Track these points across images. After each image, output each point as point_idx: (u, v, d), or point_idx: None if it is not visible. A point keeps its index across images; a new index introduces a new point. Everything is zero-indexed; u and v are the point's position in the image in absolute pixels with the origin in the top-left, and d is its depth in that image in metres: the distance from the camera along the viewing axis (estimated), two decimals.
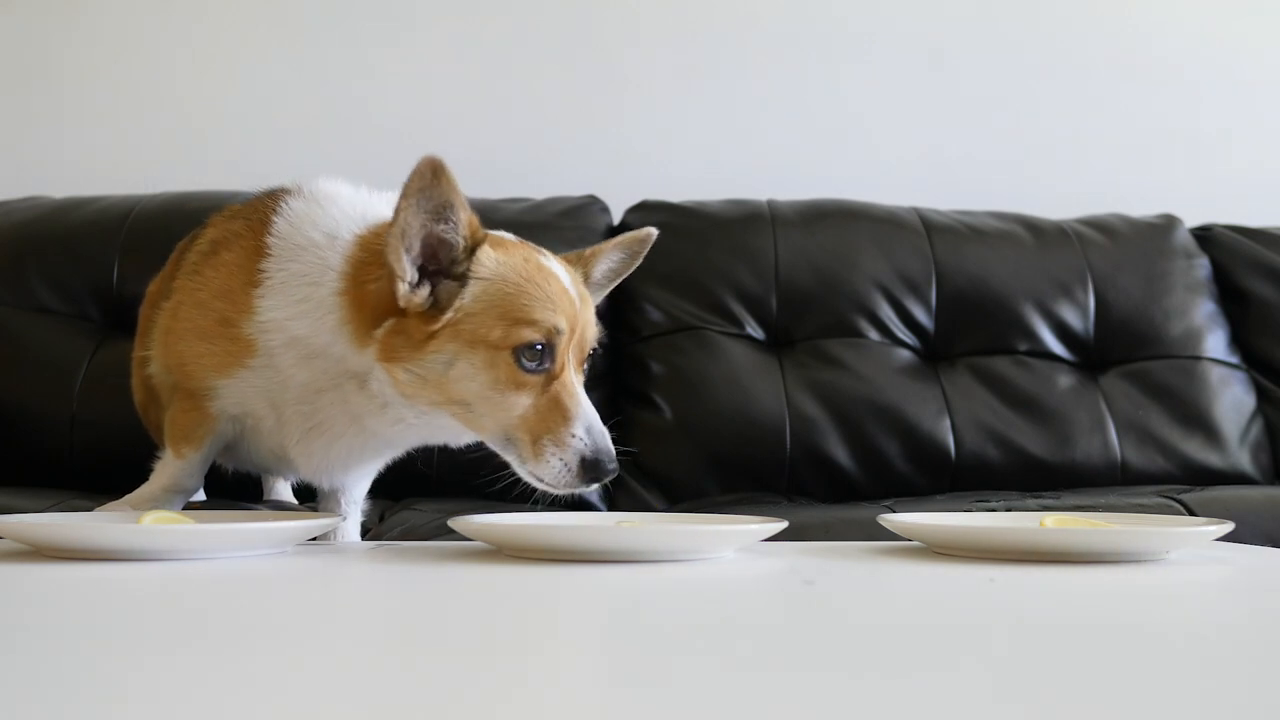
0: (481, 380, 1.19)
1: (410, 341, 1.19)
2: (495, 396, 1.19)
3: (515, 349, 1.18)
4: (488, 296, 1.19)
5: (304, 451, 1.36)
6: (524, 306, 1.18)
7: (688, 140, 2.66)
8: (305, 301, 1.26)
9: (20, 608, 0.84)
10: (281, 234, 1.29)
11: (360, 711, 0.53)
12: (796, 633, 0.77)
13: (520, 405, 1.19)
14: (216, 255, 1.35)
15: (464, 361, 1.18)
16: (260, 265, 1.28)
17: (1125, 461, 2.16)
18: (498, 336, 1.18)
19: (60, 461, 2.05)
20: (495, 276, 1.20)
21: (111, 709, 0.53)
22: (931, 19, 2.74)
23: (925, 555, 1.15)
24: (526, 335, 1.18)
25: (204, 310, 1.33)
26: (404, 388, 1.21)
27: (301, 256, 1.27)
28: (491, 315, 1.18)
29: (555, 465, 1.18)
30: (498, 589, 0.95)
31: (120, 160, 2.58)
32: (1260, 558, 1.19)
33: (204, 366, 1.33)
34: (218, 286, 1.32)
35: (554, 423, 1.19)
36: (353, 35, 2.66)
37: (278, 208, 1.32)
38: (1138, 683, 0.60)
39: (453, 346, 1.18)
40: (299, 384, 1.30)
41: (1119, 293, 2.31)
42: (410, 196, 1.15)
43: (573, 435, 1.18)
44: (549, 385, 1.20)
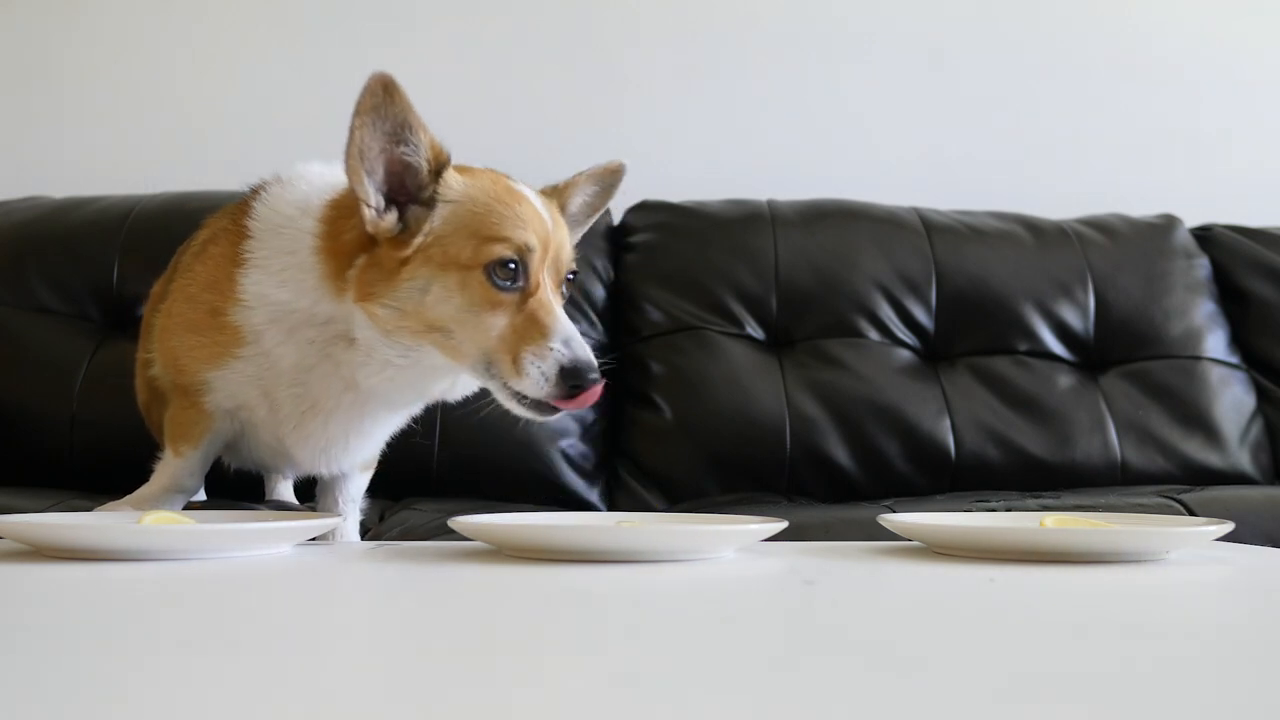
0: (457, 302, 1.19)
1: (384, 273, 1.19)
2: (471, 318, 1.19)
3: (486, 266, 1.18)
4: (456, 218, 1.19)
5: (301, 436, 1.36)
6: (493, 225, 1.19)
7: (688, 140, 2.66)
8: (285, 270, 1.27)
9: (20, 608, 0.84)
10: (260, 216, 1.31)
11: (360, 711, 0.53)
12: (796, 633, 0.77)
13: (497, 325, 1.19)
14: (205, 251, 1.37)
15: (438, 285, 1.19)
16: (242, 247, 1.30)
17: (1125, 461, 2.16)
18: (468, 256, 1.18)
19: (60, 461, 2.05)
20: (464, 198, 1.20)
21: (111, 709, 0.53)
22: (931, 19, 2.74)
23: (925, 555, 1.15)
24: (497, 251, 1.18)
25: (193, 304, 1.35)
26: (383, 323, 1.21)
27: (281, 232, 1.29)
28: (461, 235, 1.18)
29: (535, 375, 1.17)
30: (498, 589, 0.95)
31: (120, 160, 2.58)
32: (1260, 558, 1.19)
33: (196, 359, 1.35)
34: (205, 279, 1.34)
35: (532, 337, 1.18)
36: (353, 35, 2.66)
37: (258, 195, 1.35)
38: (1137, 683, 0.60)
39: (425, 271, 1.19)
40: (289, 365, 1.31)
41: (1119, 293, 2.31)
42: (364, 114, 1.16)
43: (550, 347, 1.17)
44: (525, 303, 1.20)
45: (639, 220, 2.35)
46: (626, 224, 2.36)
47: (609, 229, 2.34)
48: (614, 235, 2.34)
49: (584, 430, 2.13)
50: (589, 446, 2.12)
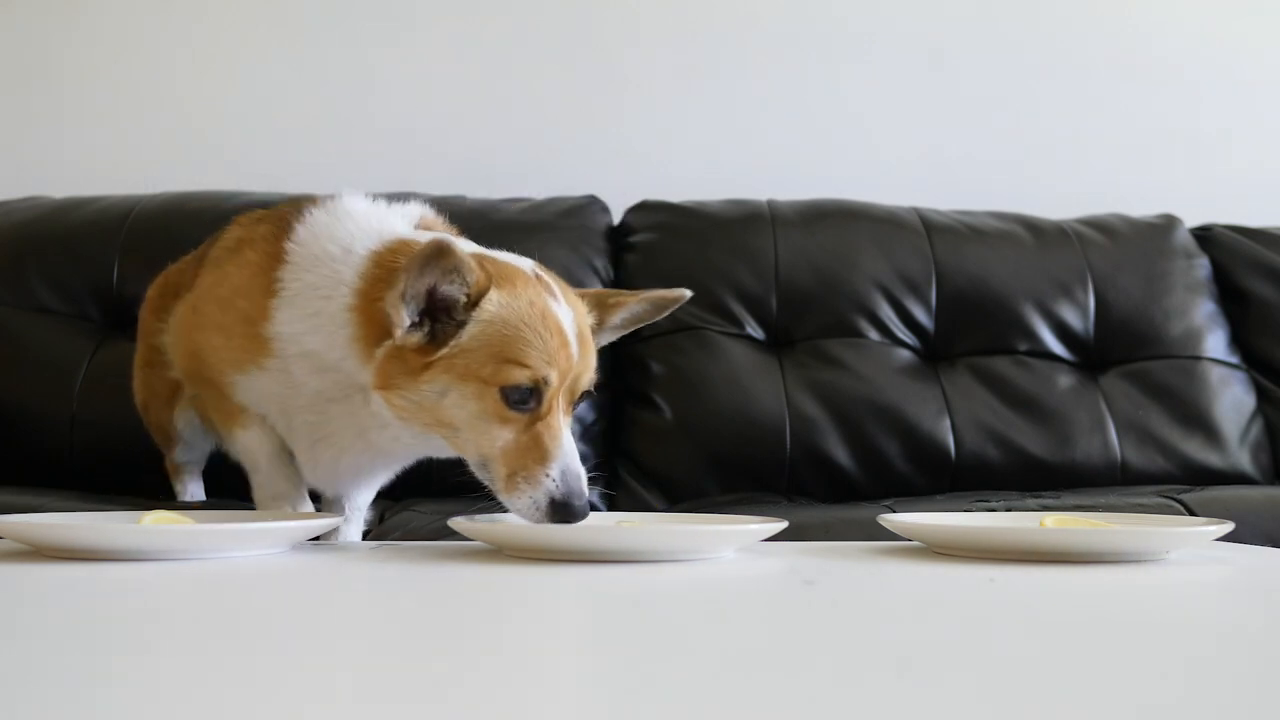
0: (470, 410, 1.21)
1: (406, 368, 1.22)
2: (479, 426, 1.22)
3: (502, 388, 1.20)
4: (484, 336, 1.21)
5: (311, 460, 1.38)
6: (517, 350, 1.21)
7: (688, 140, 2.66)
8: (318, 315, 1.28)
9: (20, 608, 0.84)
10: (301, 242, 1.31)
11: (360, 711, 0.53)
12: (796, 633, 0.77)
13: (502, 438, 1.22)
14: (240, 254, 1.37)
15: (455, 392, 1.21)
16: (277, 273, 1.30)
17: (1125, 461, 2.16)
18: (488, 373, 1.20)
19: (60, 461, 2.05)
20: (496, 319, 1.21)
21: (112, 709, 0.53)
22: (931, 19, 2.74)
23: (925, 555, 1.15)
24: (515, 377, 1.20)
25: (225, 306, 1.35)
26: (398, 411, 1.24)
27: (316, 268, 1.29)
28: (485, 353, 1.21)
29: (525, 500, 1.20)
30: (498, 589, 0.95)
31: (120, 160, 2.58)
32: (1260, 558, 1.19)
33: (221, 359, 1.35)
34: (239, 284, 1.34)
35: (531, 460, 1.21)
36: (353, 35, 2.66)
37: (301, 216, 1.34)
38: (1137, 682, 0.60)
39: (446, 378, 1.21)
40: (311, 391, 1.32)
41: (1119, 293, 2.31)
42: (414, 270, 1.17)
43: (546, 475, 1.20)
44: (533, 424, 1.22)
45: (639, 220, 2.35)
46: (626, 224, 2.36)
47: (609, 229, 2.33)
48: (614, 235, 2.34)
49: (584, 430, 2.13)
50: (589, 446, 2.12)
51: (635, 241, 2.31)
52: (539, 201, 2.35)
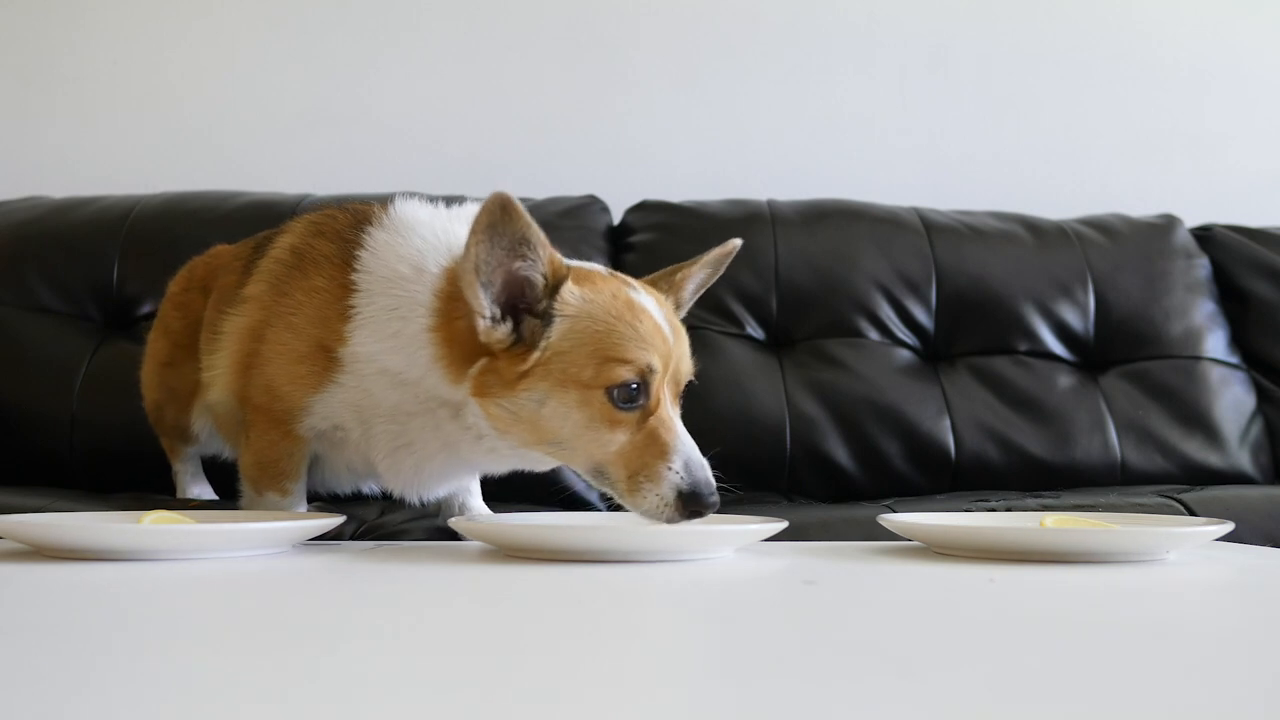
0: (575, 419, 1.17)
1: (502, 380, 1.18)
2: (589, 434, 1.17)
3: (608, 388, 1.16)
4: (576, 334, 1.17)
5: (392, 467, 1.35)
6: (616, 345, 1.16)
7: (688, 140, 2.66)
8: (396, 336, 1.25)
9: (20, 608, 0.84)
10: (367, 268, 1.28)
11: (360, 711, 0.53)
12: (796, 633, 0.77)
13: (615, 442, 1.17)
14: (306, 278, 1.32)
15: (555, 400, 1.17)
16: (349, 301, 1.27)
17: (1125, 461, 2.16)
18: (589, 376, 1.16)
19: (60, 461, 2.05)
20: (582, 314, 1.18)
21: (112, 709, 0.53)
22: (931, 19, 2.74)
23: (925, 555, 1.15)
24: (620, 374, 1.16)
25: (299, 335, 1.31)
26: (498, 423, 1.20)
27: (389, 290, 1.26)
28: (582, 354, 1.16)
29: (652, 500, 1.16)
30: (498, 589, 0.95)
31: (120, 160, 2.58)
32: (1260, 558, 1.19)
33: (300, 386, 1.31)
34: (312, 314, 1.30)
35: (650, 458, 1.17)
36: (353, 35, 2.66)
37: (362, 239, 1.30)
38: (1137, 682, 0.60)
39: (544, 385, 1.17)
40: (390, 404, 1.29)
41: (1119, 293, 2.31)
42: (481, 231, 1.13)
43: (669, 469, 1.16)
44: (645, 420, 1.18)
45: (639, 220, 2.35)
46: (626, 224, 2.36)
47: (609, 229, 2.33)
48: (614, 235, 2.34)
49: None
50: None
51: (635, 241, 2.31)
52: (539, 201, 2.35)
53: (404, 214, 1.31)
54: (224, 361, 1.40)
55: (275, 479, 1.39)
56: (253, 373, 1.36)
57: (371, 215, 1.33)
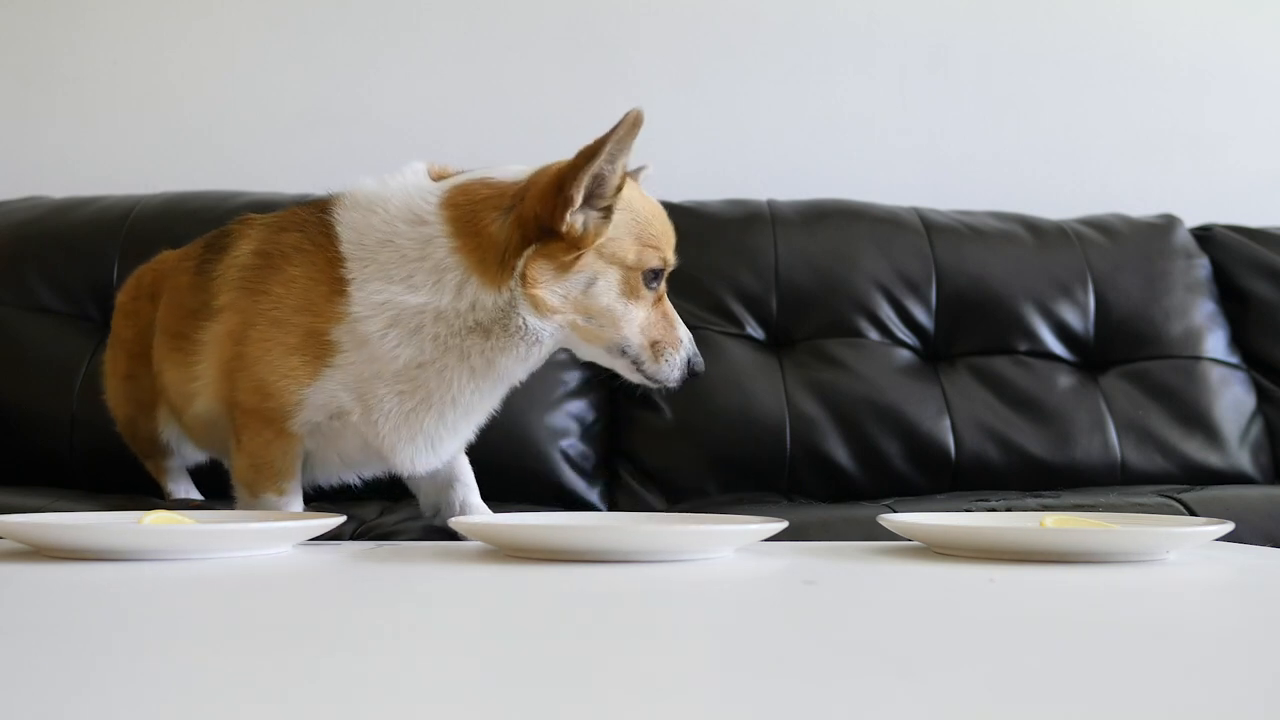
0: (615, 294, 1.37)
1: (555, 264, 1.34)
2: (624, 308, 1.38)
3: (644, 270, 1.38)
4: (624, 224, 1.37)
5: (407, 433, 1.41)
6: (653, 236, 1.39)
7: (688, 140, 2.66)
8: (415, 275, 1.35)
9: (20, 608, 0.84)
10: (353, 239, 1.37)
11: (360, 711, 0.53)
12: (796, 633, 0.77)
13: (640, 317, 1.39)
14: (280, 272, 1.39)
15: (602, 279, 1.36)
16: (340, 273, 1.36)
17: (1125, 461, 2.16)
18: (632, 259, 1.37)
19: (60, 461, 2.05)
20: (629, 209, 1.38)
21: (111, 709, 0.53)
22: (932, 19, 2.74)
23: (925, 555, 1.15)
24: (653, 259, 1.38)
25: (285, 328, 1.37)
26: (547, 308, 1.35)
27: (387, 246, 1.37)
28: (628, 240, 1.37)
29: (670, 365, 1.40)
30: (498, 589, 0.95)
31: (120, 160, 2.58)
32: (1260, 558, 1.19)
33: (293, 380, 1.37)
34: (296, 302, 1.37)
35: (666, 330, 1.40)
36: (353, 35, 2.66)
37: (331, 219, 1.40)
38: (1137, 683, 0.60)
39: (596, 266, 1.36)
40: (402, 364, 1.36)
41: (1119, 293, 2.31)
42: (615, 142, 1.33)
43: (680, 340, 1.41)
44: (658, 301, 1.41)
45: None
46: None
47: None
48: None
49: (584, 430, 2.13)
50: (589, 446, 2.12)
51: None
52: None
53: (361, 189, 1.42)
54: (208, 371, 1.44)
55: (271, 479, 1.42)
56: (238, 376, 1.39)
57: (327, 202, 1.43)
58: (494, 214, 1.36)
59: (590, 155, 1.33)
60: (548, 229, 1.34)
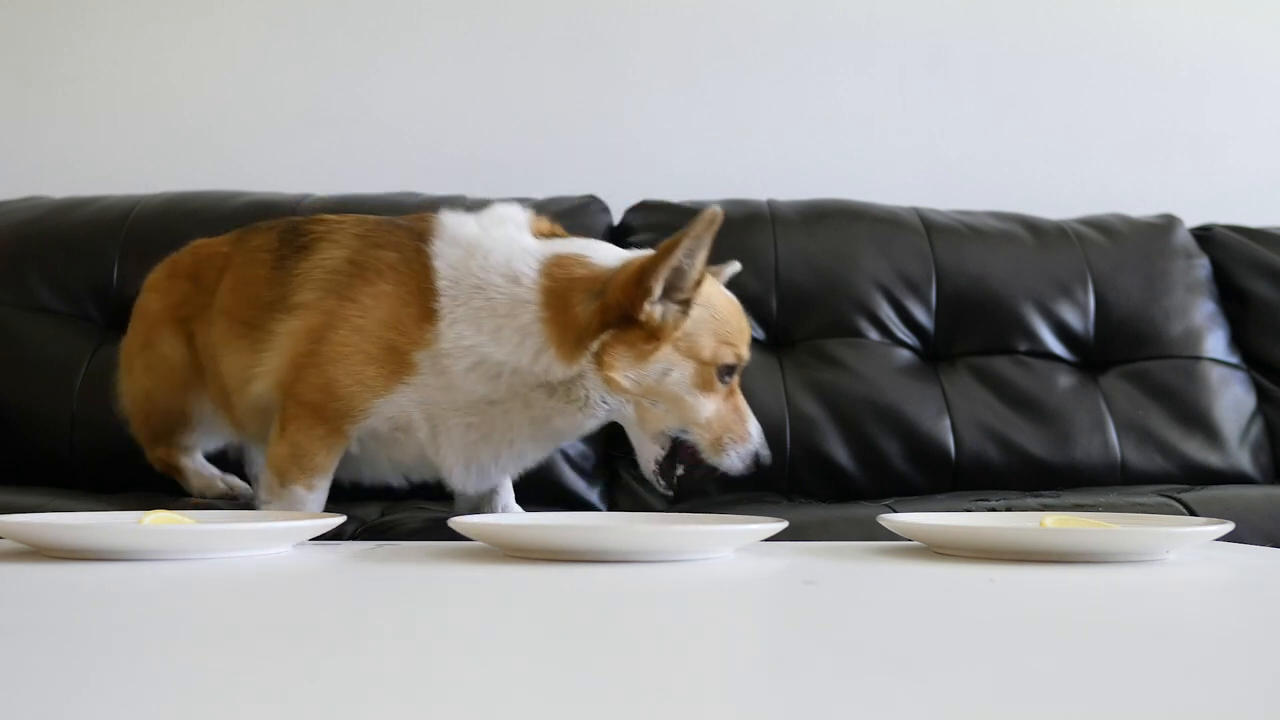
0: (688, 387, 1.43)
1: (633, 350, 1.41)
2: (695, 400, 1.44)
3: (719, 365, 1.44)
4: (703, 320, 1.44)
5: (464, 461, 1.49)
6: (729, 333, 1.46)
7: (688, 140, 2.66)
8: (501, 330, 1.42)
9: (20, 608, 0.84)
10: (448, 277, 1.45)
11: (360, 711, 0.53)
12: (796, 633, 0.77)
13: (708, 408, 1.45)
14: (371, 285, 1.45)
15: (678, 371, 1.43)
16: (433, 304, 1.43)
17: (1125, 461, 2.16)
18: (708, 354, 1.43)
19: (60, 461, 2.05)
20: (709, 305, 1.45)
21: (111, 709, 0.53)
22: (932, 19, 2.74)
23: (925, 555, 1.15)
24: (728, 355, 1.45)
25: (368, 336, 1.43)
26: (619, 390, 1.43)
27: (480, 294, 1.44)
28: (705, 335, 1.44)
29: (732, 457, 1.46)
30: (497, 589, 0.95)
31: (120, 160, 2.58)
32: (1260, 558, 1.19)
33: (366, 388, 1.43)
34: (383, 317, 1.43)
35: (735, 424, 1.47)
36: (353, 35, 2.66)
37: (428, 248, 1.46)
38: (1137, 683, 0.60)
39: (672, 358, 1.42)
40: (476, 396, 1.45)
41: (1119, 293, 2.31)
42: (693, 239, 1.38)
43: (749, 434, 1.48)
44: (730, 395, 1.47)
45: (639, 220, 2.35)
46: (626, 224, 2.36)
47: (609, 229, 2.33)
48: (614, 235, 2.33)
49: None
50: (589, 446, 2.12)
51: (635, 241, 2.31)
52: (539, 201, 2.35)
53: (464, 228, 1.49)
54: (275, 360, 1.49)
55: (305, 473, 1.47)
56: (308, 371, 1.45)
57: (425, 229, 1.49)
58: (583, 296, 1.42)
59: (669, 250, 1.38)
60: (628, 317, 1.40)
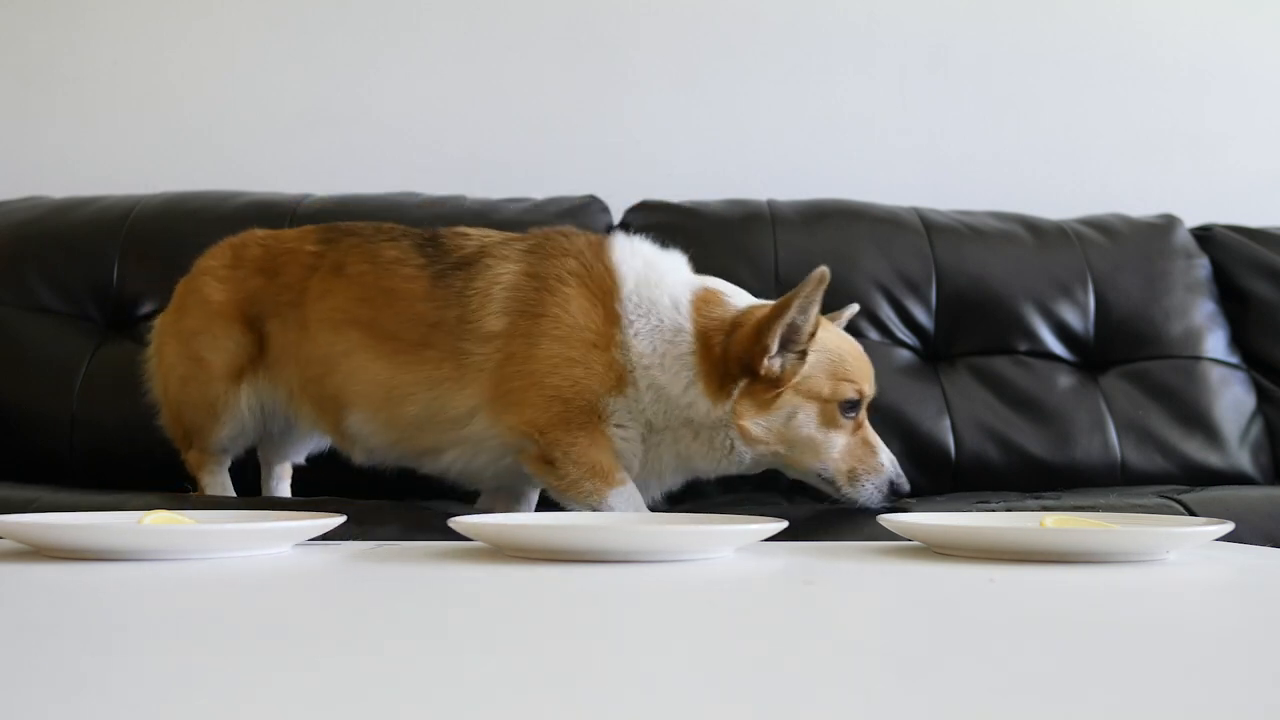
0: (813, 426, 1.51)
1: (757, 400, 1.49)
2: (822, 438, 1.51)
3: (840, 402, 1.50)
4: (820, 363, 1.51)
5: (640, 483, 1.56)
6: (848, 371, 1.52)
7: (688, 140, 2.66)
8: (664, 355, 1.51)
9: (20, 608, 0.84)
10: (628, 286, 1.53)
11: (359, 711, 0.53)
12: (796, 633, 0.77)
13: (838, 444, 1.52)
14: (555, 294, 1.52)
15: (802, 413, 1.50)
16: (617, 308, 1.52)
17: (1125, 461, 2.16)
18: (828, 392, 1.50)
19: (60, 461, 2.05)
20: (824, 348, 1.51)
21: (112, 709, 0.53)
22: (932, 19, 2.74)
23: (925, 555, 1.15)
24: (848, 392, 1.51)
25: (565, 342, 1.50)
26: (751, 439, 1.50)
27: (653, 312, 1.52)
28: (822, 376, 1.51)
29: (869, 489, 1.52)
30: (498, 589, 0.95)
31: (120, 160, 2.58)
32: (1260, 558, 1.19)
33: (587, 387, 1.49)
34: (573, 320, 1.50)
35: (865, 456, 1.53)
36: (353, 35, 2.66)
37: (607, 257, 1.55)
38: (1137, 682, 0.60)
39: (794, 402, 1.50)
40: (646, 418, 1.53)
41: (1119, 293, 2.31)
42: (802, 299, 1.45)
43: (881, 465, 1.53)
44: (858, 429, 1.53)
45: (639, 220, 2.35)
46: (626, 224, 2.35)
47: (609, 229, 2.33)
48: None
49: None
50: None
51: None
52: (539, 201, 2.35)
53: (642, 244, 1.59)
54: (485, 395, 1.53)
55: (607, 477, 1.53)
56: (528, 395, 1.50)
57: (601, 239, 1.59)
58: (720, 337, 1.50)
59: (783, 309, 1.46)
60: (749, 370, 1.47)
